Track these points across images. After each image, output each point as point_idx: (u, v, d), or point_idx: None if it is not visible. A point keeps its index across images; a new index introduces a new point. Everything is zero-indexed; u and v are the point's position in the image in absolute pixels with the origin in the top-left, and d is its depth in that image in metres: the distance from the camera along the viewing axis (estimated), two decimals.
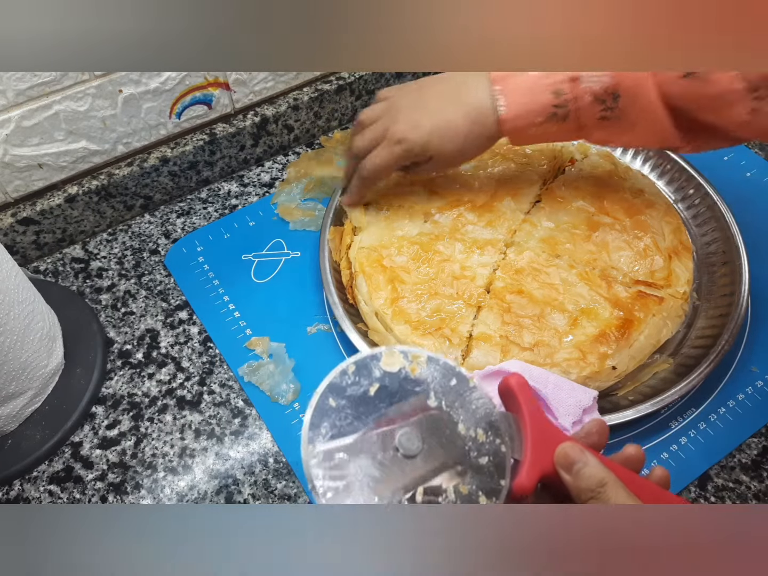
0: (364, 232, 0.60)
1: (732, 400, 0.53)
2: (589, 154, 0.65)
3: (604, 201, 0.60)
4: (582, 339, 0.52)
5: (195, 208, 0.68)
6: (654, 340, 0.53)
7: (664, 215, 0.60)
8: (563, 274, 0.55)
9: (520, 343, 0.52)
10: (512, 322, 0.53)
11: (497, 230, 0.58)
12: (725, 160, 0.69)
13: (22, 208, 0.60)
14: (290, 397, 0.53)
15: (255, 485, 0.50)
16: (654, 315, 0.53)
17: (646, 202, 0.60)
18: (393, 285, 0.55)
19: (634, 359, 0.53)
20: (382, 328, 0.54)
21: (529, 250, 0.57)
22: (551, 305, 0.53)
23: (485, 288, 0.55)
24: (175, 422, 0.53)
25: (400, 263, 0.57)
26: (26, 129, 0.56)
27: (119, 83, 0.58)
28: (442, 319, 0.53)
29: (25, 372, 0.49)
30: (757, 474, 0.50)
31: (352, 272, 0.58)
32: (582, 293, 0.54)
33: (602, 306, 0.54)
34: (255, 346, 0.56)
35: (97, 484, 0.50)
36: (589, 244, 0.57)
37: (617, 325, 0.52)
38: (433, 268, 0.56)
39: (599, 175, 0.62)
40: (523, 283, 0.55)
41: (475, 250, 0.57)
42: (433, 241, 0.58)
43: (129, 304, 0.60)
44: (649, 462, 0.50)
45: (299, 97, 0.69)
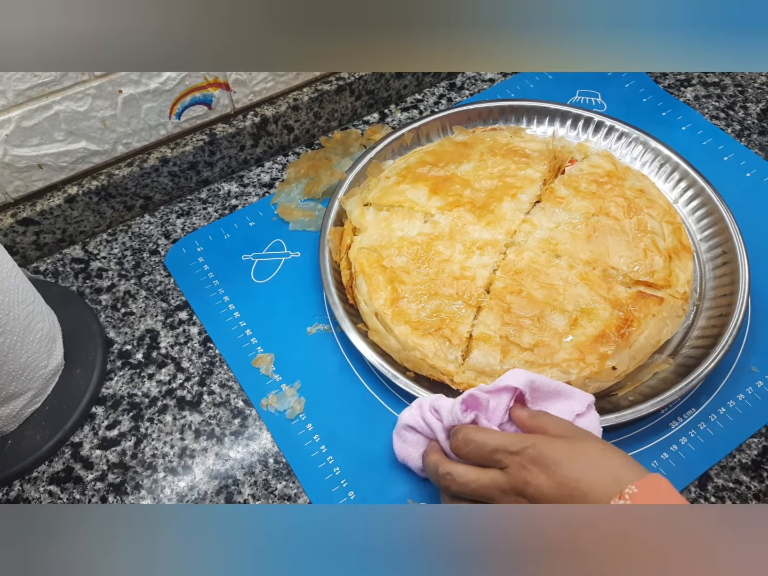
0: (364, 233, 0.60)
1: (732, 400, 0.53)
2: (590, 154, 0.65)
3: (604, 201, 0.60)
4: (582, 339, 0.52)
5: (195, 208, 0.68)
6: (654, 341, 0.53)
7: (664, 215, 0.60)
8: (563, 274, 0.55)
9: (520, 343, 0.52)
10: (512, 323, 0.53)
11: (497, 231, 0.58)
12: (725, 160, 0.69)
13: (22, 208, 0.60)
14: (296, 409, 0.53)
15: (255, 485, 0.50)
16: (654, 315, 0.53)
17: (647, 202, 0.60)
18: (393, 285, 0.55)
19: (634, 359, 0.53)
20: (382, 328, 0.54)
21: (529, 251, 0.57)
22: (551, 305, 0.53)
23: (485, 288, 0.55)
24: (175, 422, 0.53)
25: (400, 264, 0.57)
26: (26, 129, 0.56)
27: (119, 83, 0.58)
28: (441, 319, 0.53)
29: (25, 372, 0.49)
30: (757, 474, 0.50)
31: (352, 272, 0.58)
32: (582, 293, 0.54)
33: (602, 306, 0.53)
34: (260, 363, 0.56)
35: (97, 484, 0.50)
36: (589, 244, 0.57)
37: (617, 326, 0.52)
38: (433, 268, 0.56)
39: (599, 175, 0.62)
40: (523, 284, 0.55)
41: (475, 250, 0.57)
42: (433, 241, 0.58)
43: (129, 305, 0.60)
44: (649, 462, 0.50)
45: (299, 97, 0.69)
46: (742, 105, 0.75)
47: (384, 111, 0.76)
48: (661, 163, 0.66)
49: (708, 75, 0.79)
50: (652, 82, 0.77)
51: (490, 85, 0.78)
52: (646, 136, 0.66)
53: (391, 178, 0.64)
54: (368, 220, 0.61)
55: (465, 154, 0.65)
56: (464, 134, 0.68)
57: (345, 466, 0.50)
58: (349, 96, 0.72)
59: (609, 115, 0.68)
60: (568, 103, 0.72)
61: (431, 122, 0.69)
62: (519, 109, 0.70)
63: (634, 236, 0.58)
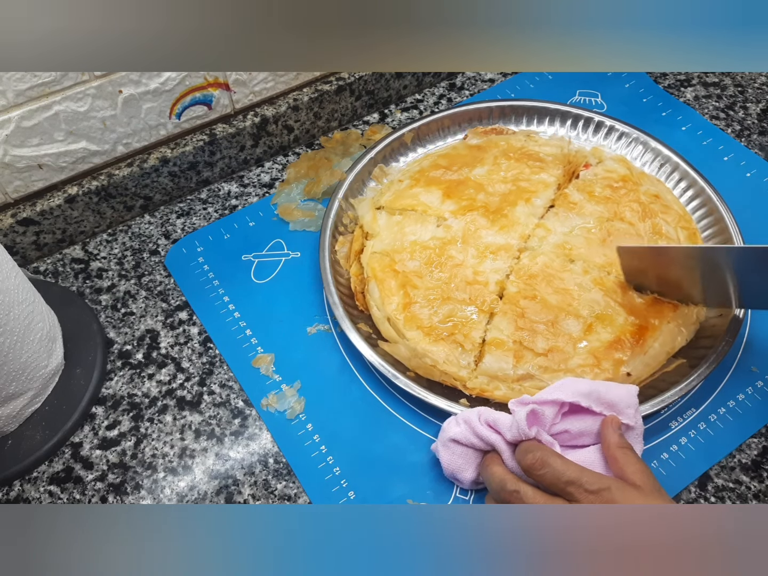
0: (376, 238, 0.60)
1: (732, 400, 0.53)
2: (604, 159, 0.65)
3: (618, 206, 0.59)
4: (596, 345, 0.51)
5: (195, 208, 0.68)
6: (669, 347, 0.53)
7: (679, 221, 0.59)
8: (578, 279, 0.55)
9: (533, 348, 0.51)
10: (526, 328, 0.52)
11: (511, 235, 0.58)
12: (725, 161, 0.69)
13: (22, 208, 0.60)
14: (296, 409, 0.53)
15: (255, 485, 0.50)
16: (669, 322, 0.53)
17: (662, 208, 0.60)
18: (405, 290, 0.55)
19: (648, 366, 0.52)
20: (394, 333, 0.54)
21: (543, 255, 0.56)
22: (565, 311, 0.53)
23: (498, 294, 0.55)
24: (175, 423, 0.53)
25: (413, 268, 0.56)
26: (26, 129, 0.56)
27: (119, 84, 0.58)
28: (454, 324, 0.53)
29: (25, 372, 0.49)
30: (757, 474, 0.50)
31: (364, 278, 0.58)
32: (597, 299, 0.54)
33: (617, 312, 0.53)
34: (260, 363, 0.56)
35: (97, 484, 0.50)
36: (604, 248, 0.57)
37: (632, 332, 0.52)
38: (446, 273, 0.56)
39: (614, 180, 0.62)
40: (537, 289, 0.54)
41: (488, 255, 0.57)
42: (445, 245, 0.57)
43: (129, 305, 0.60)
44: (649, 462, 0.50)
45: (299, 97, 0.69)
46: (742, 105, 0.75)
47: (384, 111, 0.76)
48: (661, 163, 0.65)
49: (708, 75, 0.79)
50: (652, 82, 0.77)
51: (490, 85, 0.78)
52: (646, 136, 0.66)
53: (404, 181, 0.64)
54: (380, 224, 0.61)
55: (479, 158, 0.65)
56: (478, 138, 0.68)
57: (345, 466, 0.50)
58: (349, 96, 0.72)
59: (609, 115, 0.68)
60: (568, 103, 0.72)
61: (431, 122, 0.69)
62: (519, 109, 0.70)
63: (650, 240, 0.57)
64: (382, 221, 0.61)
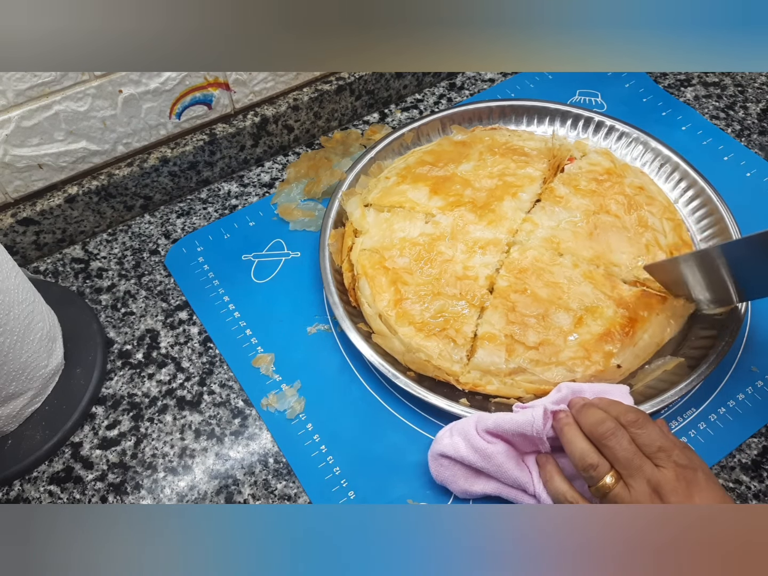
0: (365, 235, 0.60)
1: (732, 400, 0.53)
2: (588, 152, 0.65)
3: (604, 199, 0.60)
4: (587, 338, 0.52)
5: (195, 208, 0.68)
6: (658, 339, 0.53)
7: (664, 212, 0.60)
8: (567, 272, 0.55)
9: (525, 342, 0.52)
10: (517, 321, 0.53)
11: (499, 230, 0.58)
12: (725, 160, 0.69)
13: (22, 208, 0.60)
14: (296, 409, 0.53)
15: (255, 485, 0.50)
16: (658, 314, 0.53)
17: (646, 200, 0.60)
18: (396, 286, 0.55)
19: (638, 358, 0.53)
20: (386, 330, 0.54)
21: (532, 249, 0.57)
22: (556, 304, 0.53)
23: (488, 288, 0.55)
24: (175, 422, 0.53)
25: (403, 264, 0.57)
26: (26, 129, 0.56)
27: (119, 83, 0.58)
28: (446, 319, 0.53)
29: (25, 372, 0.49)
30: (757, 474, 0.50)
31: (354, 274, 0.58)
32: (586, 292, 0.54)
33: (606, 305, 0.54)
34: (260, 363, 0.56)
35: (97, 484, 0.50)
36: (591, 241, 0.57)
37: (622, 324, 0.52)
38: (436, 268, 0.56)
39: (599, 173, 0.62)
40: (528, 282, 0.55)
41: (477, 250, 0.57)
42: (434, 241, 0.58)
43: (129, 305, 0.60)
44: None
45: (299, 97, 0.69)
46: (742, 105, 0.75)
47: (384, 111, 0.76)
48: (661, 163, 0.65)
49: (708, 75, 0.79)
50: (652, 82, 0.77)
51: (490, 85, 0.78)
52: (646, 136, 0.66)
53: (391, 178, 0.64)
54: (369, 221, 0.61)
55: (464, 154, 0.65)
56: (463, 134, 0.68)
57: (345, 466, 0.50)
58: (349, 96, 0.72)
59: (609, 115, 0.68)
60: (568, 103, 0.72)
61: (431, 122, 0.69)
62: (519, 109, 0.70)
63: (636, 232, 0.58)
64: (370, 218, 0.61)
